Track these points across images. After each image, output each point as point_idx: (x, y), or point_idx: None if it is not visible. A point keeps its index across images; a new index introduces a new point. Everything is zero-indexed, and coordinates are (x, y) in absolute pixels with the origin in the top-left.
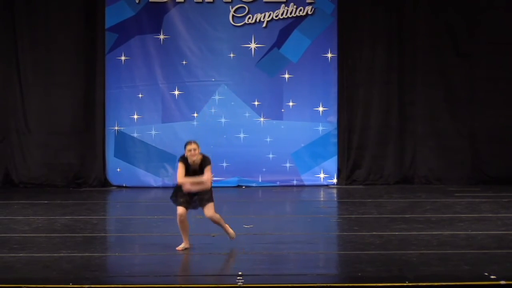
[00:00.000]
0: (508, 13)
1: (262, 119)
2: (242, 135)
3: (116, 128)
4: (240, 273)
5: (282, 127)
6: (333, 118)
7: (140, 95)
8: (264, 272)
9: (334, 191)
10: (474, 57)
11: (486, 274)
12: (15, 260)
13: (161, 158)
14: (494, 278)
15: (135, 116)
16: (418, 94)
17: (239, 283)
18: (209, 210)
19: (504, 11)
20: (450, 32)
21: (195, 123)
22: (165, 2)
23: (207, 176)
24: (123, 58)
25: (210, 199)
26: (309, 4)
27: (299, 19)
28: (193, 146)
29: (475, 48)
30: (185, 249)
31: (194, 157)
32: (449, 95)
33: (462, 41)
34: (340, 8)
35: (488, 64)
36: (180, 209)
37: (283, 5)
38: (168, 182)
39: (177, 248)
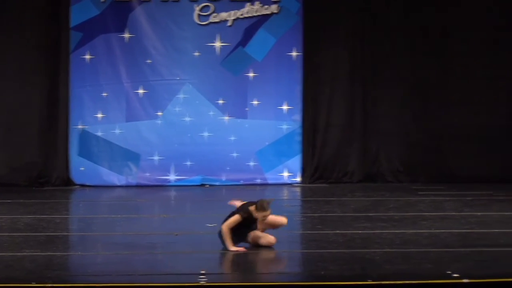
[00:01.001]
0: (477, 12)
1: (226, 117)
2: (206, 134)
3: (80, 127)
4: (202, 271)
5: (247, 125)
6: (298, 117)
7: (104, 94)
8: (226, 271)
9: (298, 189)
10: (438, 55)
11: (449, 272)
12: None
13: (125, 157)
14: (457, 276)
15: (99, 115)
16: (382, 92)
17: (201, 282)
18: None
19: (473, 10)
20: (414, 30)
21: (159, 122)
22: (130, 0)
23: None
24: (87, 57)
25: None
26: (275, 2)
27: (264, 18)
28: (268, 212)
29: (439, 46)
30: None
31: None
32: (413, 93)
33: (425, 39)
34: (306, 7)
35: (452, 61)
36: None
37: (248, 3)
38: (132, 181)
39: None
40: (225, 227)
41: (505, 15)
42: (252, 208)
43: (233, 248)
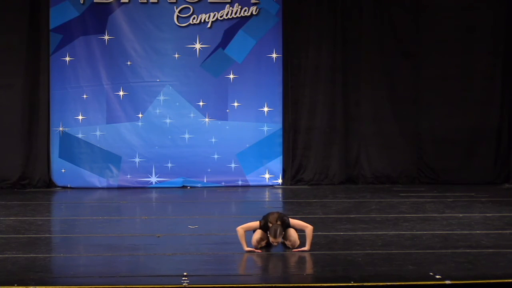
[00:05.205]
0: (452, 13)
1: (207, 119)
2: (187, 136)
3: (61, 129)
4: (185, 273)
5: (227, 127)
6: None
7: (84, 96)
8: (209, 273)
9: (279, 191)
10: (418, 57)
11: (431, 274)
12: None
13: (105, 158)
14: (439, 278)
15: (80, 117)
16: (363, 94)
17: (184, 284)
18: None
19: (448, 11)
20: (394, 32)
21: (140, 123)
22: (109, 2)
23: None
24: (67, 58)
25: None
26: (254, 4)
27: (244, 20)
28: (278, 240)
29: (419, 48)
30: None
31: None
32: (394, 95)
33: (406, 41)
34: (285, 9)
35: (432, 64)
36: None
37: (227, 5)
38: (113, 183)
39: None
40: (240, 228)
41: (477, 15)
42: (272, 220)
43: (248, 249)
